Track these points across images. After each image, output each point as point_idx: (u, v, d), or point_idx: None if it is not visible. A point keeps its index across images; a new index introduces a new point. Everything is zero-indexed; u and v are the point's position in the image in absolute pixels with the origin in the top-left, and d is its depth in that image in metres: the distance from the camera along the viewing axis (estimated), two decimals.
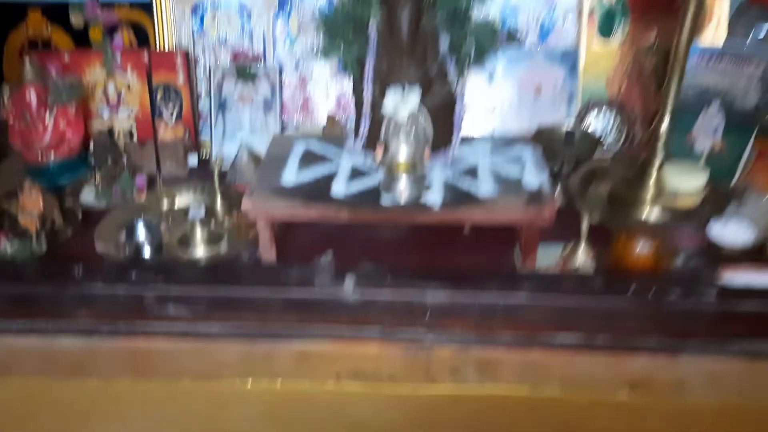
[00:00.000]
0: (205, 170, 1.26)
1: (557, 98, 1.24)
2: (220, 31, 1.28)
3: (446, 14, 0.97)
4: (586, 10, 1.21)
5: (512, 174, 1.03)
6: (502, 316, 0.88)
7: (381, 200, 0.97)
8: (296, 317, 0.89)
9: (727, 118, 1.13)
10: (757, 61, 1.10)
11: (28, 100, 1.17)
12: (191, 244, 1.05)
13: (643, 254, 0.98)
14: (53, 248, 1.05)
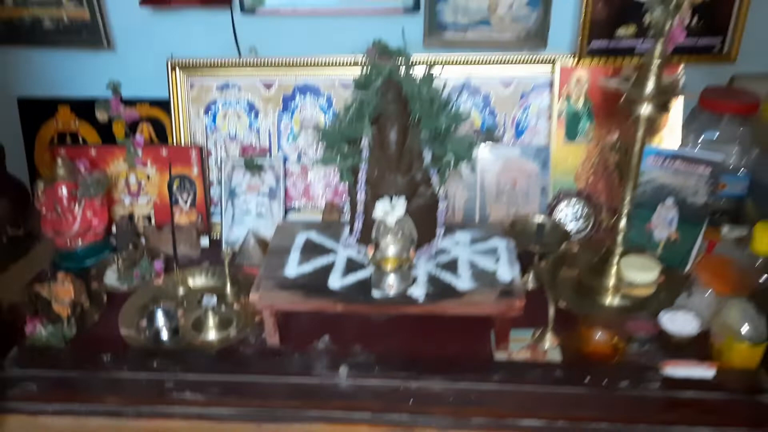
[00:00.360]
0: (216, 251, 1.40)
1: (532, 189, 1.38)
2: (231, 128, 1.43)
3: (428, 133, 1.12)
4: (555, 113, 1.36)
5: (488, 267, 1.17)
6: (476, 403, 1.01)
7: (372, 293, 1.11)
8: (297, 402, 1.03)
9: (680, 211, 1.27)
10: (706, 162, 1.24)
11: (60, 194, 1.32)
12: (204, 328, 1.18)
13: (602, 342, 1.11)
14: (82, 331, 1.19)
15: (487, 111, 1.39)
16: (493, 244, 1.23)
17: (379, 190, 1.15)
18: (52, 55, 1.44)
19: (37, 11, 1.37)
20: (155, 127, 1.47)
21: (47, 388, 1.06)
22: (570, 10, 1.33)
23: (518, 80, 1.37)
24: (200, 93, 1.42)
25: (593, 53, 1.32)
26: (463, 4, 1.31)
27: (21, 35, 1.39)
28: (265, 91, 1.41)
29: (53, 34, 1.39)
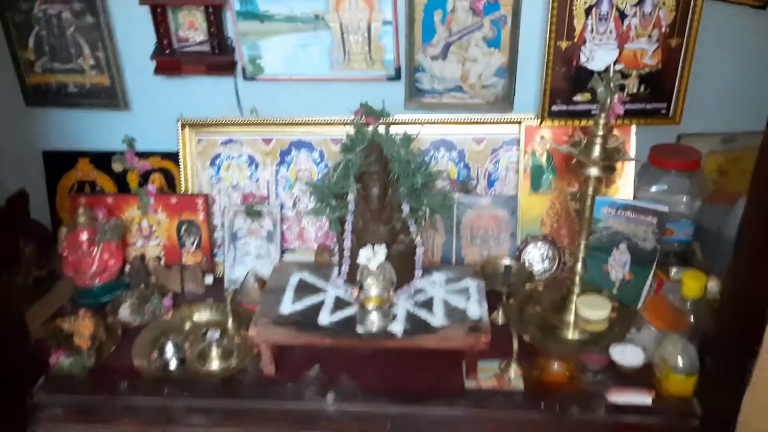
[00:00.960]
0: (219, 288, 1.56)
1: (502, 234, 1.55)
2: (233, 178, 1.60)
3: (406, 189, 1.29)
4: (522, 167, 1.53)
5: (460, 305, 1.32)
6: (447, 426, 1.16)
7: (357, 329, 1.26)
8: (289, 425, 1.18)
9: (633, 255, 1.43)
10: (652, 212, 1.40)
11: (81, 239, 1.48)
12: (208, 359, 1.33)
13: (559, 372, 1.26)
14: (100, 362, 1.33)
15: (462, 164, 1.56)
16: (465, 284, 1.39)
17: (363, 238, 1.31)
18: (74, 114, 1.61)
19: (62, 77, 1.54)
20: (165, 177, 1.63)
21: (71, 413, 1.21)
22: (533, 78, 1.50)
23: (489, 138, 1.54)
24: (206, 147, 1.59)
25: (554, 115, 1.50)
26: (438, 74, 1.49)
27: (48, 97, 1.57)
28: (264, 146, 1.58)
29: (76, 97, 1.57)
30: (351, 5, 1.42)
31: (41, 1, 1.44)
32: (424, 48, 1.46)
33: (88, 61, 1.51)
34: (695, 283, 1.23)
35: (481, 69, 1.48)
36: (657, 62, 1.44)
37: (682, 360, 1.18)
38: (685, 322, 1.24)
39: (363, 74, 1.50)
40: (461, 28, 1.44)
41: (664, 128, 1.53)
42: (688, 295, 1.24)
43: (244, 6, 1.43)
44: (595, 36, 1.42)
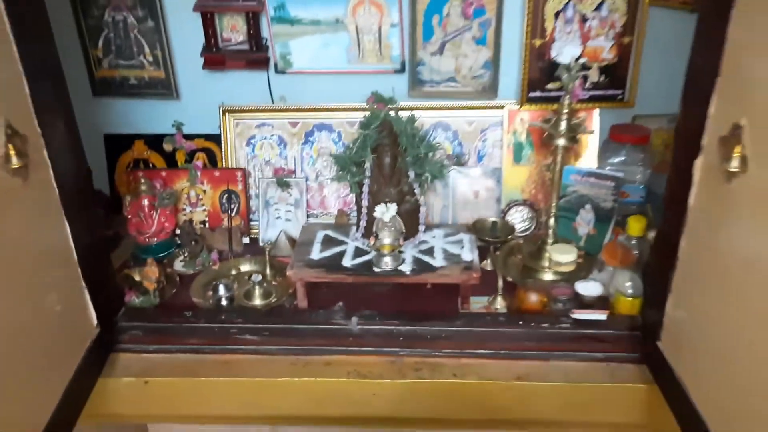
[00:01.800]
0: (254, 247, 1.88)
1: (489, 200, 1.87)
2: (266, 155, 1.92)
3: (412, 158, 1.61)
4: (506, 144, 1.86)
5: (455, 251, 1.65)
6: (445, 339, 1.48)
7: (373, 269, 1.58)
8: (322, 342, 1.50)
9: (596, 214, 1.76)
10: (611, 177, 1.73)
11: (143, 204, 1.79)
12: (252, 297, 1.65)
13: (535, 302, 1.59)
14: (163, 300, 1.65)
15: (456, 142, 1.89)
16: (460, 237, 1.71)
17: (377, 198, 1.63)
18: (132, 103, 1.93)
19: (125, 72, 1.86)
20: (208, 155, 1.95)
21: (148, 334, 1.52)
22: (514, 70, 1.83)
23: (478, 120, 1.87)
24: (243, 130, 1.91)
25: (531, 100, 1.83)
26: (436, 67, 1.81)
27: (112, 89, 1.88)
28: (291, 128, 1.90)
29: (136, 88, 1.88)
30: (365, 11, 1.74)
31: (111, 9, 1.76)
32: (425, 46, 1.79)
33: (148, 58, 1.83)
34: (637, 224, 1.56)
35: (471, 63, 1.81)
36: (613, 56, 1.77)
37: (629, 286, 1.51)
38: (632, 258, 1.57)
39: (374, 67, 1.83)
40: (454, 30, 1.77)
41: (621, 111, 1.86)
42: (632, 234, 1.57)
43: (277, 12, 1.75)
44: (563, 35, 1.75)
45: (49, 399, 1.20)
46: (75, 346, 1.33)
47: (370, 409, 1.47)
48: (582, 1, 1.71)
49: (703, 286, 1.16)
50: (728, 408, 1.08)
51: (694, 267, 1.20)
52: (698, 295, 1.18)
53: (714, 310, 1.12)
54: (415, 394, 1.45)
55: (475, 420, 1.49)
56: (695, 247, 1.20)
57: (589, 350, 1.46)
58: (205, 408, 1.50)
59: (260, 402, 1.48)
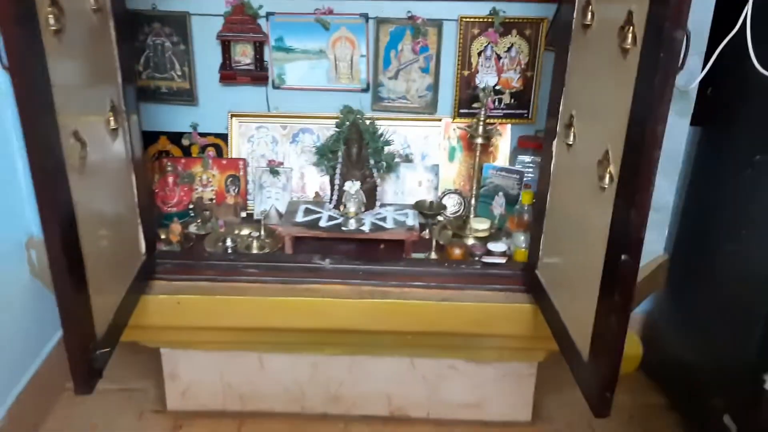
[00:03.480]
0: (249, 219, 2.46)
1: (429, 188, 2.50)
2: (261, 149, 2.52)
3: (372, 150, 2.25)
4: (442, 147, 2.50)
5: (402, 220, 2.26)
6: (392, 275, 2.08)
7: (341, 228, 2.19)
8: (305, 275, 2.08)
9: (506, 199, 2.40)
10: (516, 172, 2.38)
11: (168, 181, 2.37)
12: (251, 249, 2.23)
13: (458, 254, 2.21)
14: (185, 249, 2.22)
15: (406, 145, 2.52)
16: (406, 212, 2.33)
17: (346, 177, 2.25)
18: (160, 107, 2.51)
19: (158, 83, 2.45)
20: (216, 149, 2.55)
21: (176, 267, 2.08)
22: (449, 93, 2.48)
23: (422, 128, 2.51)
24: (245, 130, 2.51)
25: (461, 115, 2.48)
26: (392, 87, 2.46)
27: (147, 95, 2.47)
28: (282, 130, 2.52)
29: (165, 95, 2.48)
30: (342, 44, 2.39)
31: (153, 35, 2.37)
32: (384, 72, 2.44)
33: (177, 72, 2.43)
34: (528, 195, 2.21)
35: (417, 86, 2.46)
36: (520, 85, 2.45)
37: (522, 241, 2.15)
38: (526, 222, 2.21)
39: (347, 86, 2.47)
40: (406, 61, 2.42)
41: (526, 125, 2.53)
42: (524, 202, 2.22)
43: (277, 43, 2.39)
44: (484, 68, 2.42)
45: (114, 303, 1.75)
46: (131, 266, 1.89)
47: (337, 321, 2.05)
48: (497, 44, 2.38)
49: (556, 228, 1.81)
50: (576, 310, 1.71)
51: (552, 215, 1.85)
52: (554, 235, 1.82)
53: (563, 245, 1.76)
54: (370, 310, 2.04)
55: (412, 332, 2.09)
56: (553, 201, 1.84)
57: (493, 283, 2.08)
58: (219, 320, 2.06)
59: (259, 316, 2.05)
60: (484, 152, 2.34)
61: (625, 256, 1.37)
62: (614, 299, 1.41)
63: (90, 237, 1.52)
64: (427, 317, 2.05)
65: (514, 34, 2.38)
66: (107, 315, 1.67)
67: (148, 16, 2.36)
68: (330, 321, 2.05)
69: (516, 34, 2.38)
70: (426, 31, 2.38)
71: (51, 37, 1.35)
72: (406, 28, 2.38)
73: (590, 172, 1.53)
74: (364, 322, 2.06)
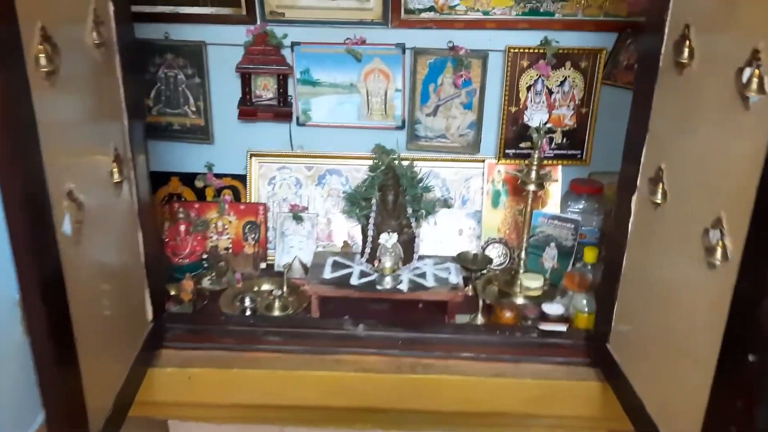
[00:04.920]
0: (269, 271, 2.20)
1: (471, 237, 2.24)
2: (284, 193, 2.26)
3: (410, 197, 1.98)
4: (485, 191, 2.24)
5: (444, 276, 1.99)
6: (436, 344, 1.81)
7: (376, 287, 1.91)
8: (333, 343, 1.81)
9: (558, 251, 2.13)
10: (571, 221, 2.11)
11: (180, 229, 2.11)
12: (272, 308, 1.96)
13: (509, 317, 1.93)
14: (196, 310, 1.95)
15: (444, 188, 2.26)
16: (447, 266, 2.06)
17: (381, 229, 1.98)
18: (172, 145, 2.27)
19: (170, 119, 2.21)
20: (233, 192, 2.29)
21: (188, 333, 1.82)
22: (494, 131, 2.23)
23: (463, 170, 2.25)
24: (266, 171, 2.26)
25: (507, 156, 2.22)
26: (430, 125, 2.20)
27: (157, 132, 2.23)
28: (306, 171, 2.26)
29: (178, 133, 2.23)
30: (375, 77, 2.14)
31: (165, 66, 2.13)
32: (422, 108, 2.19)
33: (191, 108, 2.19)
34: (591, 252, 1.93)
35: (458, 123, 2.21)
36: (573, 123, 2.18)
37: (585, 304, 1.87)
38: (588, 282, 1.93)
39: (380, 124, 2.21)
40: (446, 96, 2.17)
41: (579, 167, 2.26)
42: (587, 261, 1.94)
43: (302, 75, 2.14)
44: (533, 104, 2.16)
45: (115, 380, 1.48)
46: (136, 335, 1.63)
47: (371, 399, 1.77)
48: (549, 78, 2.13)
49: (638, 298, 1.52)
50: (665, 396, 1.42)
51: (632, 282, 1.57)
52: (635, 305, 1.54)
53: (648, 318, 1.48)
54: (409, 387, 1.76)
55: (459, 412, 1.80)
56: (632, 265, 1.56)
57: (553, 355, 1.80)
58: (236, 396, 1.78)
59: (281, 392, 1.77)
60: (535, 200, 2.07)
61: (753, 357, 1.09)
62: (736, 407, 1.13)
63: (84, 307, 1.26)
64: (476, 395, 1.77)
65: (567, 66, 2.12)
66: (105, 395, 1.41)
67: (161, 46, 2.12)
68: (364, 399, 1.77)
69: (570, 67, 2.12)
70: (469, 63, 2.13)
71: (41, 81, 1.10)
72: (447, 60, 2.13)
73: (692, 241, 1.25)
74: (404, 400, 1.77)
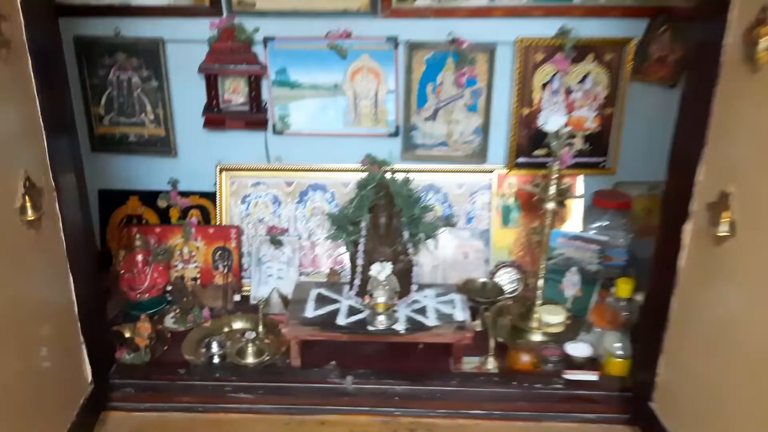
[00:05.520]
0: (245, 304, 1.89)
1: (478, 260, 1.92)
2: (260, 213, 1.95)
3: (407, 219, 1.66)
4: (494, 207, 1.92)
5: (447, 311, 1.68)
6: (440, 399, 1.50)
7: (368, 327, 1.60)
8: (317, 401, 1.50)
9: (581, 276, 1.82)
10: (596, 241, 1.80)
11: (137, 259, 1.80)
12: (245, 354, 1.64)
13: (526, 362, 1.62)
14: (154, 357, 1.64)
15: (446, 204, 1.95)
16: (451, 297, 1.75)
17: (372, 257, 1.67)
18: (129, 159, 1.95)
19: (125, 129, 1.90)
20: (202, 212, 1.98)
21: (140, 391, 1.51)
22: (502, 137, 1.91)
23: (468, 183, 1.94)
24: (239, 188, 1.95)
25: (518, 165, 1.91)
26: (429, 131, 1.89)
27: (111, 145, 1.91)
28: (286, 187, 1.95)
29: (134, 145, 1.92)
30: (363, 77, 1.82)
31: (116, 68, 1.81)
32: (419, 111, 1.87)
33: (149, 116, 1.87)
34: (626, 286, 1.62)
35: (462, 128, 1.89)
36: (596, 126, 1.87)
37: (619, 347, 1.56)
38: (621, 319, 1.62)
39: (369, 131, 1.90)
40: (447, 97, 1.85)
41: (603, 177, 1.94)
42: (621, 296, 1.63)
43: (278, 76, 1.82)
44: (549, 105, 1.84)
45: None
46: (70, 402, 1.32)
47: None
48: (567, 74, 1.81)
49: (695, 347, 1.21)
50: None
51: (685, 328, 1.25)
52: (690, 356, 1.23)
53: (707, 372, 1.17)
54: None
55: None
56: (685, 308, 1.25)
57: (582, 411, 1.49)
58: None
59: None
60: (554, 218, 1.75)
61: None
62: None
63: None
64: None
65: (589, 59, 1.81)
66: None
67: (110, 44, 1.80)
68: None
69: (592, 60, 1.81)
70: (473, 59, 1.81)
71: None
72: (447, 55, 1.81)
73: None
74: None
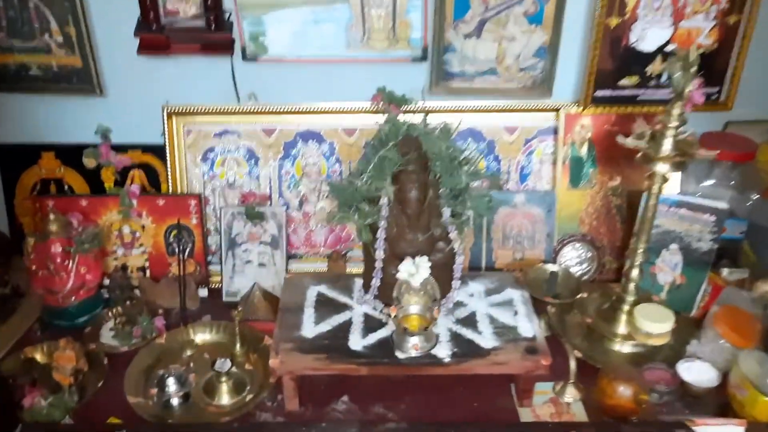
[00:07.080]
0: (215, 301, 1.37)
1: (537, 234, 1.39)
2: (230, 175, 1.39)
3: (448, 191, 1.11)
4: (560, 159, 1.37)
5: (508, 321, 1.16)
6: None
7: (396, 354, 1.08)
8: None
9: (685, 256, 1.30)
10: (710, 209, 1.27)
11: (53, 251, 1.24)
12: (217, 393, 1.13)
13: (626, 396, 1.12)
14: (85, 400, 1.12)
15: (491, 157, 1.39)
16: (508, 296, 1.23)
17: (397, 247, 1.13)
18: (37, 101, 1.37)
19: (23, 58, 1.30)
20: (147, 174, 1.41)
21: None
22: (575, 61, 1.35)
23: (524, 127, 1.38)
24: (197, 139, 1.38)
25: (597, 102, 1.34)
26: (470, 54, 1.31)
27: (5, 81, 1.32)
28: (265, 137, 1.38)
29: (41, 81, 1.32)
30: None
31: None
32: (456, 25, 1.28)
33: (56, 38, 1.27)
34: None
35: (519, 49, 1.31)
36: (713, 42, 1.30)
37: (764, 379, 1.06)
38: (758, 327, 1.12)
39: (384, 55, 1.32)
40: (499, 2, 1.26)
41: (712, 114, 1.39)
42: None
43: None
44: (649, 12, 1.26)
45: None
46: None
47: None
48: None
49: None
50: None
51: None
52: None
53: None
54: None
55: None
56: None
57: None
58: None
59: None
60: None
61: None
62: None
63: None
64: None
65: None
66: None
67: None
68: None
69: None
70: None
71: None
72: None
73: None
74: None
